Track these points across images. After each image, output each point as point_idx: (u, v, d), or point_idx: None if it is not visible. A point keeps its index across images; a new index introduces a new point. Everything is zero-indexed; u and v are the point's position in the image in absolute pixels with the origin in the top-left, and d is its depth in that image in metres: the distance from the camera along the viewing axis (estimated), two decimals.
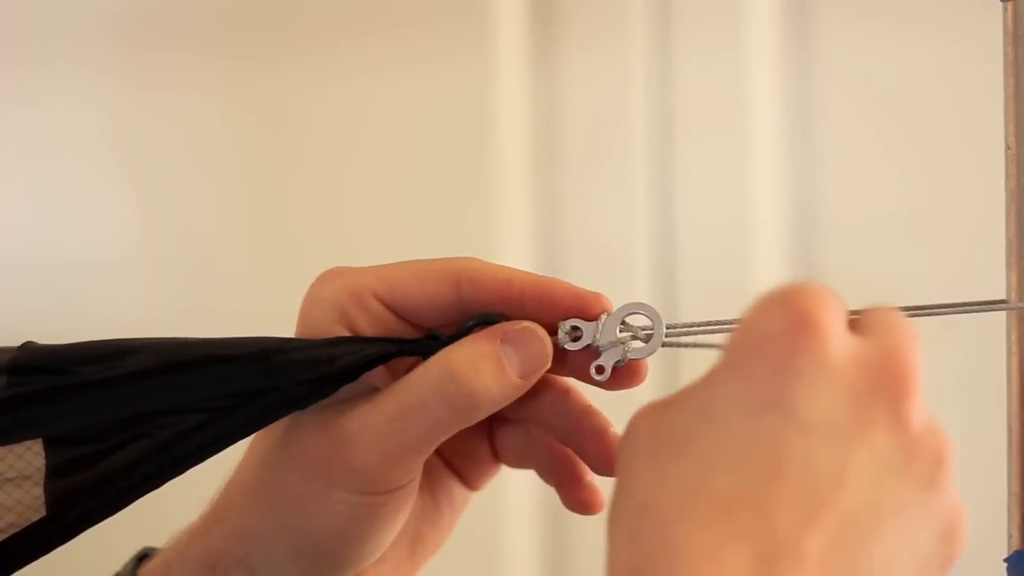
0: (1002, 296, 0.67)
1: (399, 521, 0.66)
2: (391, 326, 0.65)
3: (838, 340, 0.50)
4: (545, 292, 0.64)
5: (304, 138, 1.50)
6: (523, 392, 0.64)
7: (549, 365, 0.64)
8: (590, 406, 0.68)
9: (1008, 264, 0.67)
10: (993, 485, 0.71)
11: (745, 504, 0.48)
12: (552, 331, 0.64)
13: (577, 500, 0.70)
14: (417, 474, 0.65)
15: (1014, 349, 0.67)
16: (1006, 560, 0.67)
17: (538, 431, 0.69)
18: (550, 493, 0.71)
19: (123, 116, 1.50)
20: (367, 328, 0.64)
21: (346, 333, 0.64)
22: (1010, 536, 0.67)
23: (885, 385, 0.50)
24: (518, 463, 0.71)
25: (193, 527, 0.68)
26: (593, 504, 0.70)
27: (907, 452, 0.50)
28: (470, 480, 0.72)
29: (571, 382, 0.68)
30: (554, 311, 0.64)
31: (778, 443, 0.49)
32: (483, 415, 0.64)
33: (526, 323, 0.64)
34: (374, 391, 0.64)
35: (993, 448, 0.72)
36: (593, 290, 0.65)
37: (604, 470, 0.68)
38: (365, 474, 0.63)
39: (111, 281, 1.49)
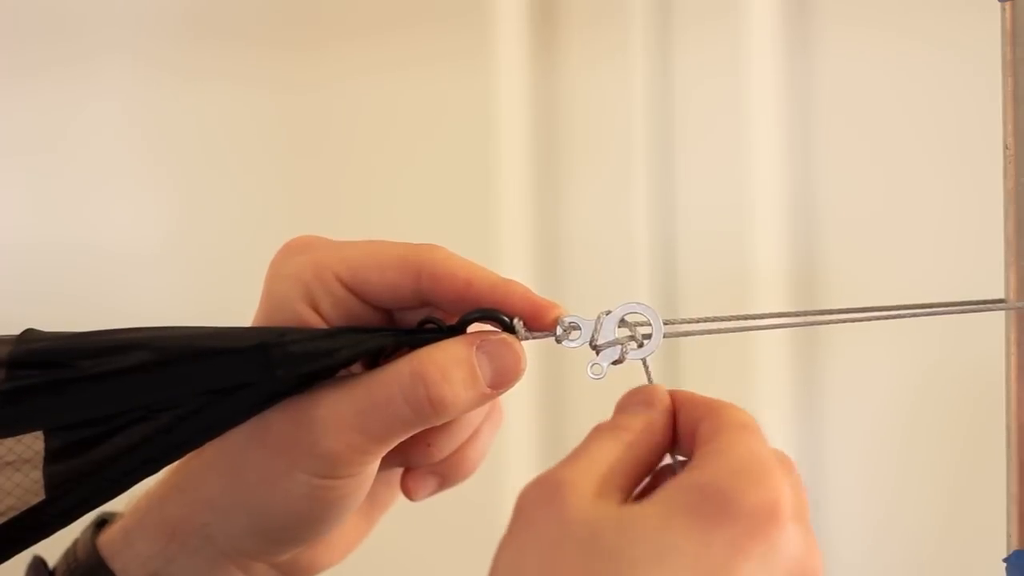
0: (1001, 295, 0.67)
1: (357, 501, 0.66)
2: (352, 308, 0.65)
3: (791, 538, 0.54)
4: (501, 298, 0.64)
5: (307, 138, 1.50)
6: (491, 401, 0.64)
7: (521, 378, 0.64)
8: (431, 447, 0.70)
9: (1007, 264, 0.67)
10: (992, 486, 0.71)
11: None
12: (539, 326, 0.64)
13: (409, 482, 0.71)
14: (377, 461, 0.65)
15: (1012, 349, 0.67)
16: (1005, 560, 0.67)
17: None
18: None
19: (147, 111, 1.50)
20: (329, 309, 0.65)
21: (310, 311, 0.65)
22: (1009, 536, 0.67)
23: None
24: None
25: (151, 494, 0.68)
26: (412, 491, 0.71)
27: None
28: None
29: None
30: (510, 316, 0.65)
31: None
32: (448, 419, 0.64)
33: (504, 335, 0.64)
34: (344, 376, 0.64)
35: (992, 448, 0.72)
36: (549, 300, 0.65)
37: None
38: (327, 460, 0.64)
39: (145, 273, 1.50)
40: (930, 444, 1.35)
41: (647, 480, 0.59)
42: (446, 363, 0.63)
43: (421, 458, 0.69)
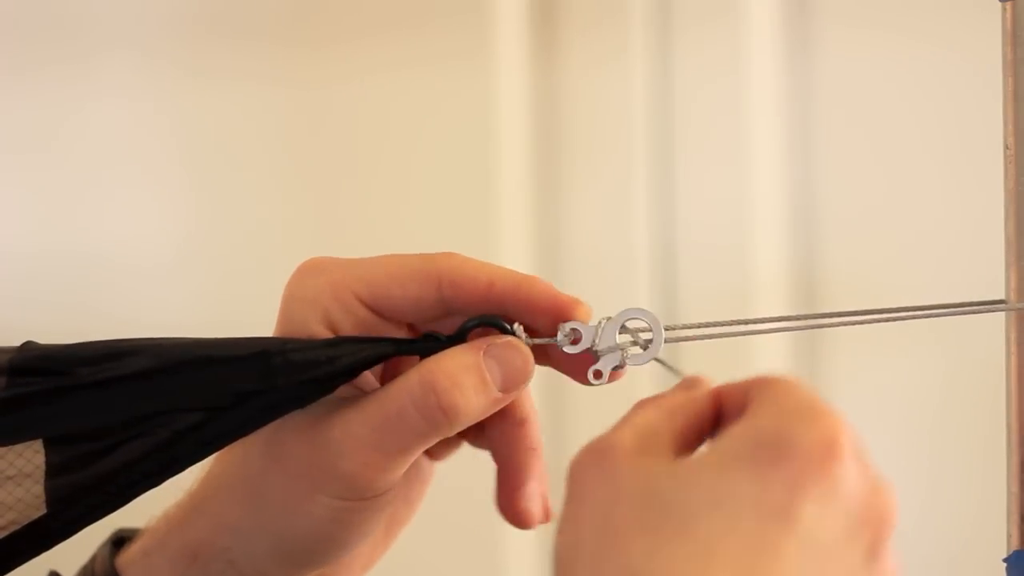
0: (1001, 296, 0.67)
1: (379, 522, 0.66)
2: (373, 327, 0.65)
3: (853, 473, 0.54)
4: (524, 296, 0.64)
5: (307, 138, 1.50)
6: (503, 405, 0.64)
7: (531, 380, 0.64)
8: (535, 450, 0.68)
9: (1007, 264, 0.67)
10: (993, 485, 0.71)
11: None
12: (542, 331, 0.64)
13: (511, 509, 0.69)
14: (397, 479, 0.65)
15: (1013, 349, 0.67)
16: (1005, 560, 0.67)
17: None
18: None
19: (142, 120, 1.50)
20: (349, 330, 0.64)
21: (329, 334, 0.64)
22: (1009, 536, 0.67)
23: (874, 522, 0.55)
24: (476, 445, 0.71)
25: (171, 516, 0.68)
26: (523, 520, 0.69)
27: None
28: (433, 454, 0.72)
29: (529, 413, 0.68)
30: (533, 315, 0.64)
31: (777, 552, 0.52)
32: (462, 427, 0.64)
33: (510, 338, 0.64)
34: (357, 395, 0.64)
35: (992, 448, 0.72)
36: (573, 296, 0.65)
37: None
38: (347, 481, 0.63)
39: (153, 276, 1.50)
40: (931, 444, 1.35)
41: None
42: (455, 370, 0.62)
43: (525, 440, 0.68)
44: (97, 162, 1.50)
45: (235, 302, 1.44)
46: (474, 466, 0.73)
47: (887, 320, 0.67)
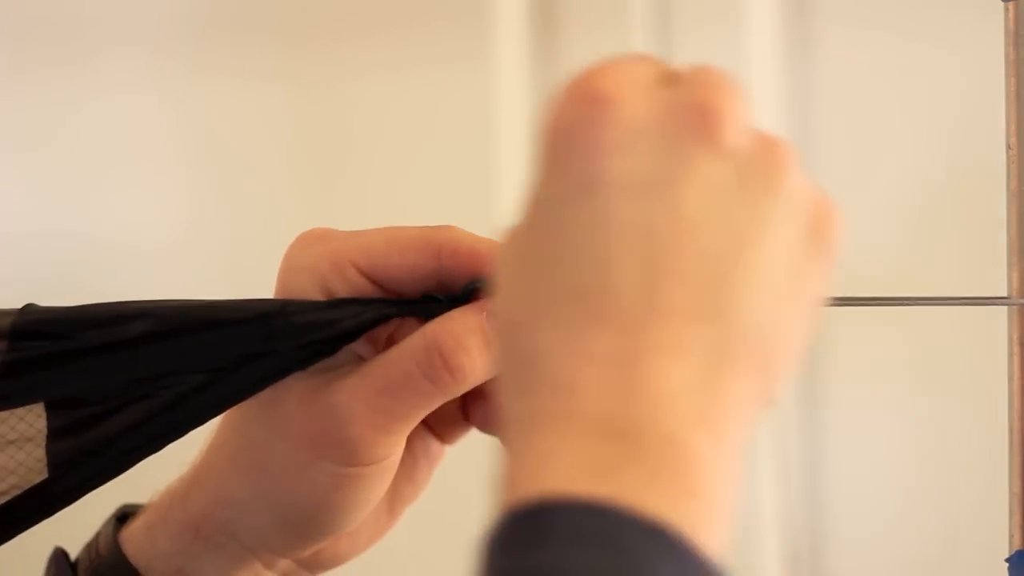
0: (1004, 295, 0.67)
1: (382, 490, 0.66)
2: (372, 295, 0.65)
3: (637, 100, 0.47)
4: None
5: (307, 137, 1.50)
6: None
7: None
8: None
9: (1009, 264, 0.67)
10: (994, 484, 0.71)
11: (593, 288, 0.46)
12: None
13: None
14: (401, 446, 0.65)
15: (1015, 348, 0.67)
16: (1007, 560, 0.67)
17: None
18: None
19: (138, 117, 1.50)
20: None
21: None
22: (1011, 536, 0.67)
23: (693, 121, 0.47)
24: (485, 430, 0.71)
25: (174, 490, 0.67)
26: None
27: (738, 170, 0.48)
28: (443, 436, 0.72)
29: None
30: None
31: (606, 219, 0.46)
32: (467, 387, 0.63)
33: None
34: (359, 361, 0.64)
35: (994, 447, 0.72)
36: None
37: None
38: (351, 446, 0.63)
39: (156, 268, 1.50)
40: (932, 444, 1.35)
41: None
42: (459, 331, 0.62)
43: None
44: (101, 156, 1.50)
45: (236, 292, 1.44)
46: (474, 465, 0.73)
47: (891, 304, 0.67)
